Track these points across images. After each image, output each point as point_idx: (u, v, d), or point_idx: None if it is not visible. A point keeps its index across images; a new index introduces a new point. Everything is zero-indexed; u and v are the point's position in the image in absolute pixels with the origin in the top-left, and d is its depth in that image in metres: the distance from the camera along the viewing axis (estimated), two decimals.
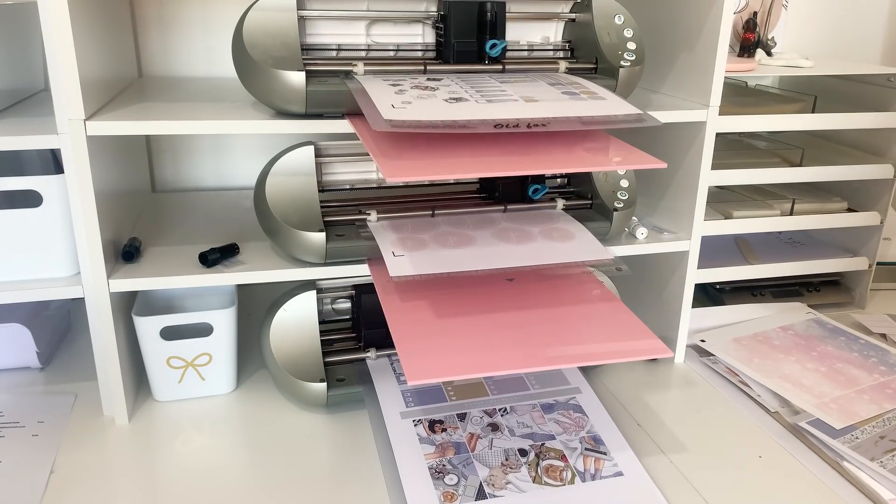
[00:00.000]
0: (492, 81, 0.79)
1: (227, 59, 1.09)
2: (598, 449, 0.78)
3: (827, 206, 1.09)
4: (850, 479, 0.76)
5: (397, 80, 0.78)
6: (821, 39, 1.34)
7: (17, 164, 0.90)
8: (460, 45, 0.81)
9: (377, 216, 0.85)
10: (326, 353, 0.86)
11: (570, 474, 0.74)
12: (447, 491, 0.71)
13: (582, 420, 0.82)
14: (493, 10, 0.81)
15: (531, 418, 0.82)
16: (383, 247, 0.78)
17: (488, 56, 0.82)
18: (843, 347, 1.00)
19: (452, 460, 0.75)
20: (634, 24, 0.87)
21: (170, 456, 0.77)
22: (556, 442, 0.79)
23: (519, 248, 0.81)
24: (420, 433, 0.79)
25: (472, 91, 0.75)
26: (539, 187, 0.88)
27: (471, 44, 0.82)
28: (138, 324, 0.82)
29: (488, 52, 0.82)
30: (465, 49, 0.82)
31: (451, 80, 0.79)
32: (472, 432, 0.80)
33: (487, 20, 0.81)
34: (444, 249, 0.79)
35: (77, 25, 0.70)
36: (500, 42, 0.81)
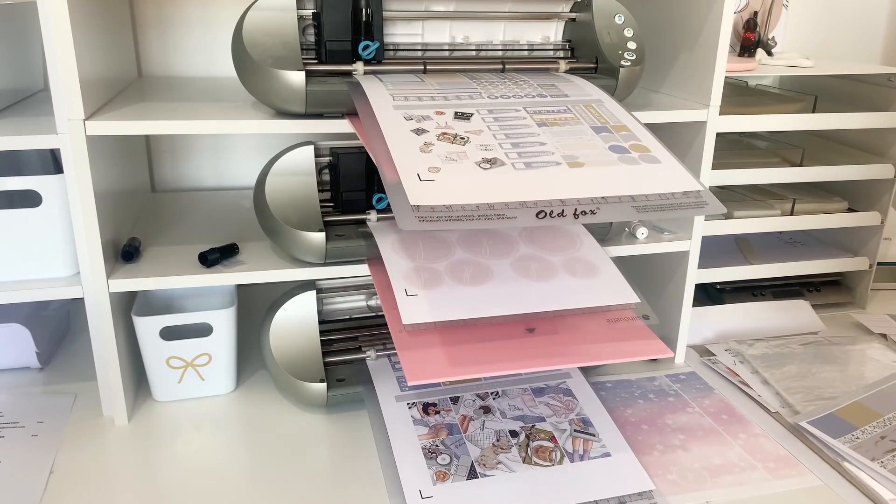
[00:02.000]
0: (527, 120, 0.72)
1: (227, 58, 1.09)
2: (586, 430, 0.80)
3: (827, 206, 1.09)
4: (851, 479, 0.76)
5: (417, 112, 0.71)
6: (821, 39, 1.34)
7: (16, 164, 0.90)
8: (332, 44, 0.78)
9: (377, 216, 0.84)
10: (326, 353, 0.86)
11: (559, 455, 0.76)
12: (440, 470, 0.73)
13: (572, 403, 0.84)
14: (369, 10, 0.77)
15: (522, 401, 0.84)
16: (395, 281, 0.73)
17: (362, 58, 0.78)
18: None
19: (445, 441, 0.77)
20: (634, 24, 0.87)
21: (170, 456, 0.77)
22: (546, 424, 0.80)
23: (540, 286, 0.75)
24: (414, 415, 0.80)
25: (507, 143, 0.67)
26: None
27: (344, 43, 0.78)
28: (138, 324, 0.82)
29: (361, 52, 0.78)
30: (338, 49, 0.78)
31: (482, 115, 0.72)
32: (465, 414, 0.81)
33: (363, 20, 0.77)
34: (460, 287, 0.74)
35: (77, 25, 0.70)
36: (372, 44, 0.77)
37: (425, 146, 0.66)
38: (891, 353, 1.00)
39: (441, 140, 0.67)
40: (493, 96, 0.76)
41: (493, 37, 0.87)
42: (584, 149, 0.69)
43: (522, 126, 0.71)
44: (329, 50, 0.78)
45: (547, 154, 0.67)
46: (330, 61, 0.78)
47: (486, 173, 0.63)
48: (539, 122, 0.72)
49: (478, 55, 0.87)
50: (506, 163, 0.65)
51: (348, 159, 0.82)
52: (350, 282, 0.90)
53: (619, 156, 0.69)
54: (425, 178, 0.62)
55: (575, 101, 0.77)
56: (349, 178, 0.83)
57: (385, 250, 0.78)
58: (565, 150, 0.68)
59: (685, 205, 0.64)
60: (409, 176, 0.62)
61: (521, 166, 0.65)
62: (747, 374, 0.95)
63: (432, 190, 0.60)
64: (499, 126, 0.70)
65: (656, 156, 0.70)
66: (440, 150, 0.66)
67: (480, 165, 0.64)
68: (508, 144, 0.67)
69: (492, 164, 0.64)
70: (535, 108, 0.74)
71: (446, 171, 0.63)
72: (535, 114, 0.73)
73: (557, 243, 0.82)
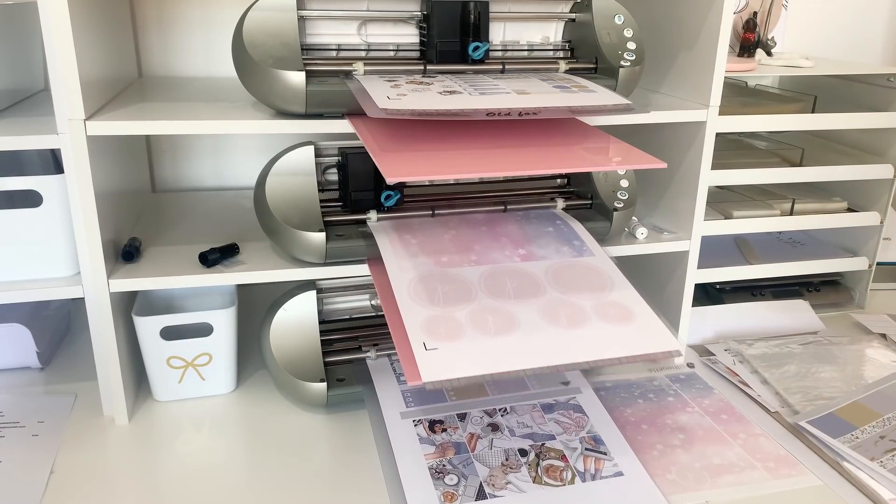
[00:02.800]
0: (486, 78, 0.79)
1: (227, 59, 1.09)
2: (598, 449, 0.78)
3: (827, 206, 1.09)
4: (850, 478, 0.76)
5: (394, 77, 0.78)
6: (821, 39, 1.34)
7: (17, 164, 0.90)
8: (443, 45, 0.80)
9: (377, 216, 0.84)
10: (326, 353, 0.86)
11: (570, 474, 0.74)
12: (447, 491, 0.71)
13: (582, 420, 0.82)
14: (477, 11, 0.79)
15: (531, 418, 0.82)
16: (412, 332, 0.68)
17: (471, 58, 0.81)
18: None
19: (452, 460, 0.76)
20: (634, 24, 0.87)
21: (170, 456, 0.77)
22: (556, 442, 0.79)
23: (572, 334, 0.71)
24: (420, 433, 0.79)
25: (466, 86, 0.75)
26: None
27: (454, 44, 0.80)
28: (138, 324, 0.82)
29: (471, 54, 0.80)
30: (448, 49, 0.80)
31: (448, 77, 0.79)
32: (472, 432, 0.80)
33: (471, 21, 0.79)
34: (484, 338, 0.69)
35: (77, 25, 0.70)
36: (482, 44, 0.79)
37: (395, 86, 0.74)
38: (890, 353, 1.00)
39: (409, 83, 0.75)
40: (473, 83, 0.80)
41: (493, 37, 0.87)
42: (532, 86, 0.77)
43: (482, 80, 0.79)
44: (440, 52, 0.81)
45: (500, 90, 0.75)
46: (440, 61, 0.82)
47: (446, 97, 0.72)
48: (495, 77, 0.81)
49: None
50: (463, 92, 0.73)
51: (356, 159, 0.82)
52: (350, 282, 0.90)
53: (562, 89, 0.77)
54: (393, 97, 0.69)
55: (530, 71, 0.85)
56: (357, 178, 0.83)
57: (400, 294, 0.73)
58: (515, 86, 0.77)
59: (614, 110, 0.73)
60: (380, 97, 0.69)
61: (476, 94, 0.73)
62: (747, 374, 0.95)
63: (398, 104, 0.68)
64: (462, 80, 0.79)
65: (593, 89, 0.78)
66: (407, 87, 0.74)
67: (441, 94, 0.72)
68: (466, 85, 0.76)
69: (451, 93, 0.73)
70: (497, 77, 0.82)
71: (412, 96, 0.71)
72: (494, 78, 0.81)
73: (588, 284, 0.78)
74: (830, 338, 1.04)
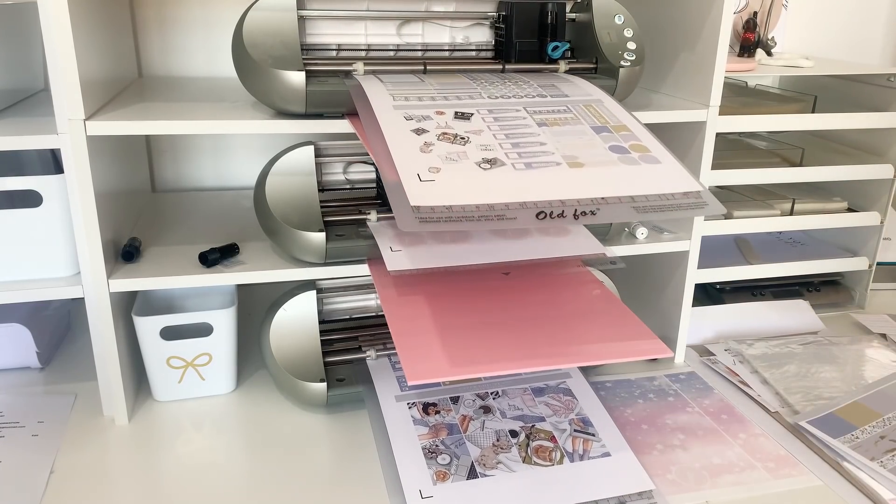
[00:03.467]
0: (527, 120, 0.72)
1: (227, 59, 1.09)
2: (586, 430, 0.80)
3: (827, 206, 1.09)
4: (850, 478, 0.76)
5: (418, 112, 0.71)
6: (821, 39, 1.34)
7: (17, 164, 0.90)
8: (522, 45, 0.83)
9: (377, 216, 0.84)
10: (326, 353, 0.86)
11: (559, 455, 0.76)
12: (440, 470, 0.73)
13: (571, 403, 0.84)
14: (554, 12, 0.82)
15: (522, 401, 0.84)
16: (381, 243, 0.78)
17: (549, 57, 0.83)
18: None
19: (445, 441, 0.77)
20: (634, 24, 0.87)
21: (170, 456, 0.77)
22: (545, 424, 0.80)
23: (515, 242, 0.80)
24: (414, 415, 0.80)
25: (507, 144, 0.67)
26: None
27: (533, 44, 0.83)
28: (138, 324, 0.82)
29: (550, 53, 0.83)
30: (528, 49, 0.83)
31: (482, 115, 0.72)
32: (465, 414, 0.81)
33: (548, 21, 0.82)
34: (440, 245, 0.78)
35: (77, 25, 0.70)
36: (561, 44, 0.82)
37: (425, 146, 0.66)
38: (890, 353, 1.00)
39: (441, 140, 0.67)
40: (494, 96, 0.76)
41: (493, 37, 0.87)
42: (584, 149, 0.69)
43: (522, 126, 0.71)
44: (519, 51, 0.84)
45: (547, 154, 0.67)
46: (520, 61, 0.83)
47: (487, 173, 0.63)
48: (539, 121, 0.72)
49: (478, 55, 0.88)
50: (506, 163, 0.65)
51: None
52: (350, 282, 0.90)
53: (619, 156, 0.69)
54: (426, 178, 0.62)
55: (575, 101, 0.77)
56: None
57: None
58: (565, 150, 0.68)
59: (685, 205, 0.64)
60: (410, 176, 0.62)
61: (521, 166, 0.65)
62: (747, 374, 0.95)
63: (432, 190, 0.60)
64: (499, 126, 0.70)
65: (656, 156, 0.70)
66: (440, 149, 0.66)
67: (480, 165, 0.64)
68: (508, 144, 0.68)
69: (492, 165, 0.65)
70: (535, 108, 0.75)
71: (446, 171, 0.63)
72: (535, 114, 0.74)
73: None
74: (830, 338, 1.04)
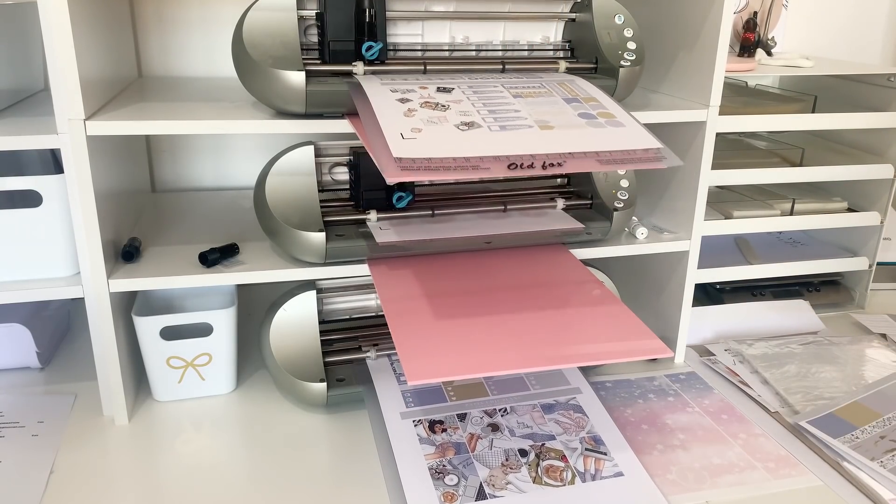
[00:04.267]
0: (504, 94, 0.76)
1: (227, 59, 1.09)
2: (598, 449, 0.78)
3: (827, 206, 1.09)
4: (850, 478, 0.76)
5: (403, 87, 0.75)
6: (821, 39, 1.34)
7: (17, 164, 0.90)
8: (335, 44, 0.78)
9: (377, 216, 0.84)
10: (326, 353, 0.86)
11: (570, 474, 0.74)
12: (447, 491, 0.71)
13: (582, 420, 0.82)
14: (372, 10, 0.78)
15: (531, 418, 0.82)
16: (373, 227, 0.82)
17: (365, 59, 0.79)
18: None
19: (453, 461, 0.76)
20: (634, 24, 0.87)
21: (170, 456, 0.77)
22: (556, 442, 0.79)
23: (496, 221, 0.86)
24: (420, 433, 0.79)
25: (484, 111, 0.72)
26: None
27: (348, 44, 0.79)
28: (138, 324, 0.82)
29: (364, 54, 0.78)
30: (342, 49, 0.79)
31: (462, 89, 0.76)
32: (473, 432, 0.80)
33: (366, 21, 0.78)
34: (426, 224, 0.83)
35: (77, 25, 0.70)
36: (376, 44, 0.78)
37: (409, 112, 0.71)
38: (890, 353, 1.00)
39: (423, 107, 0.72)
40: (475, 78, 0.79)
41: (493, 37, 0.87)
42: (555, 115, 0.74)
43: (499, 98, 0.75)
44: (332, 50, 0.78)
45: (521, 119, 0.72)
46: (333, 62, 0.78)
47: (464, 133, 0.69)
48: (515, 94, 0.77)
49: (478, 55, 0.88)
50: (482, 125, 0.70)
51: (368, 158, 0.82)
52: (350, 282, 0.90)
53: (587, 121, 0.74)
54: (408, 136, 0.67)
55: (549, 79, 0.82)
56: (369, 177, 0.83)
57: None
58: (537, 116, 0.73)
59: (645, 159, 0.70)
60: (394, 135, 0.67)
61: (496, 128, 0.70)
62: (747, 374, 0.95)
63: (414, 146, 0.66)
64: (477, 97, 0.75)
65: (621, 121, 0.75)
66: (422, 115, 0.71)
67: (459, 127, 0.69)
68: (486, 111, 0.73)
69: (469, 127, 0.70)
70: (511, 85, 0.79)
71: (427, 132, 0.68)
72: (511, 88, 0.78)
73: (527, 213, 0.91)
74: (830, 338, 1.04)
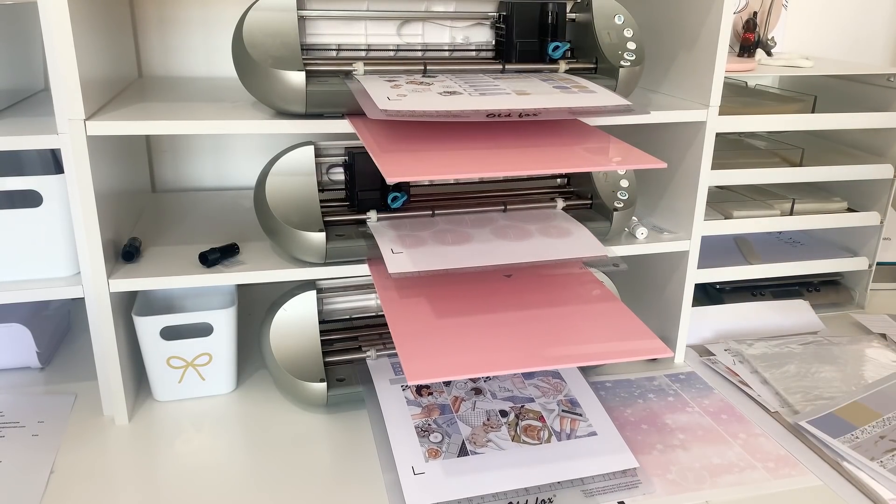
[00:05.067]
0: (486, 78, 0.80)
1: (227, 59, 1.09)
2: (573, 411, 0.82)
3: (827, 206, 1.09)
4: (850, 478, 0.76)
5: (394, 77, 0.78)
6: (821, 39, 1.34)
7: (17, 164, 0.90)
8: (523, 45, 0.84)
9: (377, 216, 0.85)
10: (326, 353, 0.86)
11: (547, 434, 0.78)
12: (432, 448, 0.75)
13: (560, 385, 0.86)
14: (555, 12, 0.83)
15: (512, 383, 0.86)
16: (382, 245, 0.79)
17: (550, 57, 0.84)
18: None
19: (437, 420, 0.79)
20: (634, 24, 0.87)
21: (170, 456, 0.77)
22: (534, 404, 0.83)
23: (516, 244, 0.82)
24: (408, 396, 0.83)
25: (466, 86, 0.76)
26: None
27: (533, 44, 0.84)
28: (138, 324, 0.82)
29: (550, 53, 0.84)
30: (528, 49, 0.84)
31: (448, 77, 0.80)
32: (457, 395, 0.84)
33: (549, 22, 0.83)
34: (442, 246, 0.80)
35: (77, 25, 0.70)
36: (562, 44, 0.83)
37: (396, 86, 0.75)
38: (890, 353, 1.00)
39: (409, 84, 0.77)
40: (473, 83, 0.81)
41: (493, 37, 0.87)
42: (532, 87, 0.78)
43: (482, 79, 0.80)
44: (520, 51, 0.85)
45: (500, 90, 0.76)
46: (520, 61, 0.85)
47: (446, 98, 0.73)
48: (495, 77, 0.82)
49: (478, 55, 0.88)
50: (462, 93, 0.74)
51: (363, 159, 0.83)
52: (350, 282, 0.90)
53: (562, 90, 0.78)
54: (393, 98, 0.71)
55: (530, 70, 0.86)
56: (364, 178, 0.84)
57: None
58: (516, 87, 0.78)
59: (615, 111, 0.74)
60: (380, 97, 0.70)
61: (476, 95, 0.74)
62: (747, 374, 0.95)
63: (399, 104, 0.69)
64: (462, 79, 0.80)
65: (593, 90, 0.79)
66: (408, 87, 0.75)
67: (442, 95, 0.74)
68: (467, 86, 0.77)
69: (451, 94, 0.74)
70: (497, 76, 0.82)
71: (412, 97, 0.72)
72: (495, 78, 0.82)
73: (536, 219, 0.89)
74: (830, 338, 1.04)
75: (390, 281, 0.80)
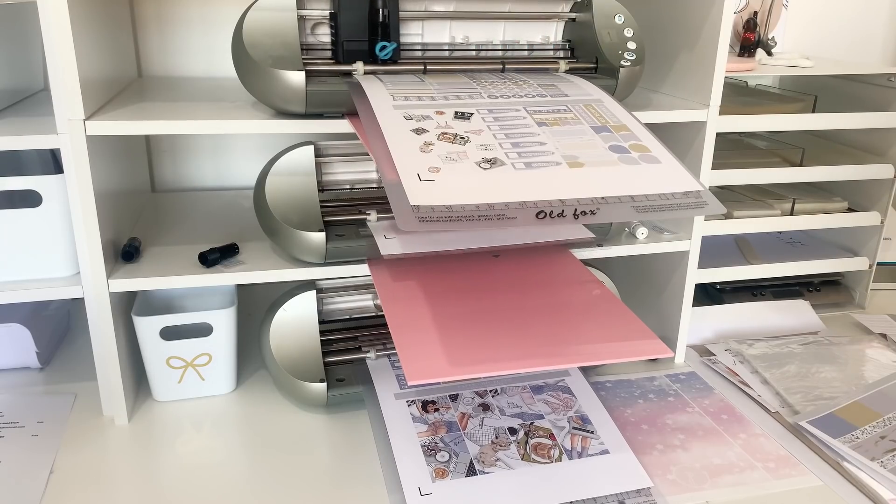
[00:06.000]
0: (527, 120, 0.72)
1: (227, 59, 1.09)
2: (585, 428, 0.80)
3: (827, 206, 1.09)
4: (850, 478, 0.76)
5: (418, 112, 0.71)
6: (821, 39, 1.34)
7: (16, 164, 0.90)
8: (350, 44, 0.78)
9: (377, 216, 0.84)
10: (326, 353, 0.86)
11: (557, 452, 0.76)
12: (439, 467, 0.73)
13: (570, 401, 0.84)
14: (386, 10, 0.77)
15: (521, 399, 0.84)
16: (376, 233, 0.78)
17: (378, 58, 0.78)
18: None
19: (444, 438, 0.77)
20: (634, 24, 0.87)
21: (170, 456, 0.77)
22: (544, 421, 0.81)
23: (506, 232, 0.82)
24: (413, 413, 0.81)
25: (507, 143, 0.67)
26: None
27: (362, 44, 0.78)
28: (138, 324, 0.82)
29: (378, 54, 0.78)
30: (356, 49, 0.78)
31: (482, 115, 0.72)
32: (464, 412, 0.82)
33: (379, 21, 0.77)
34: (432, 234, 0.80)
35: (77, 25, 0.70)
36: (389, 44, 0.77)
37: (425, 146, 0.66)
38: (890, 353, 1.00)
39: (441, 140, 0.67)
40: (493, 96, 0.76)
41: (493, 37, 0.87)
42: (585, 149, 0.69)
43: (522, 126, 0.71)
44: (346, 50, 0.78)
45: (547, 154, 0.67)
46: (346, 61, 0.78)
47: (486, 173, 0.63)
48: (539, 121, 0.72)
49: (478, 55, 0.87)
50: (506, 163, 0.65)
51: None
52: (350, 282, 0.90)
53: (619, 156, 0.69)
54: (425, 178, 0.62)
55: (575, 100, 0.77)
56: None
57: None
58: (565, 149, 0.68)
59: (685, 205, 0.64)
60: (410, 176, 0.62)
61: (521, 166, 0.65)
62: (747, 374, 0.95)
63: (432, 190, 0.60)
64: (499, 126, 0.70)
65: (656, 156, 0.71)
66: (440, 149, 0.66)
67: (480, 165, 0.64)
68: (508, 144, 0.68)
69: (492, 164, 0.65)
70: (535, 108, 0.75)
71: (446, 171, 0.63)
72: (535, 113, 0.74)
73: None
74: (831, 338, 1.04)
75: (390, 280, 0.80)
